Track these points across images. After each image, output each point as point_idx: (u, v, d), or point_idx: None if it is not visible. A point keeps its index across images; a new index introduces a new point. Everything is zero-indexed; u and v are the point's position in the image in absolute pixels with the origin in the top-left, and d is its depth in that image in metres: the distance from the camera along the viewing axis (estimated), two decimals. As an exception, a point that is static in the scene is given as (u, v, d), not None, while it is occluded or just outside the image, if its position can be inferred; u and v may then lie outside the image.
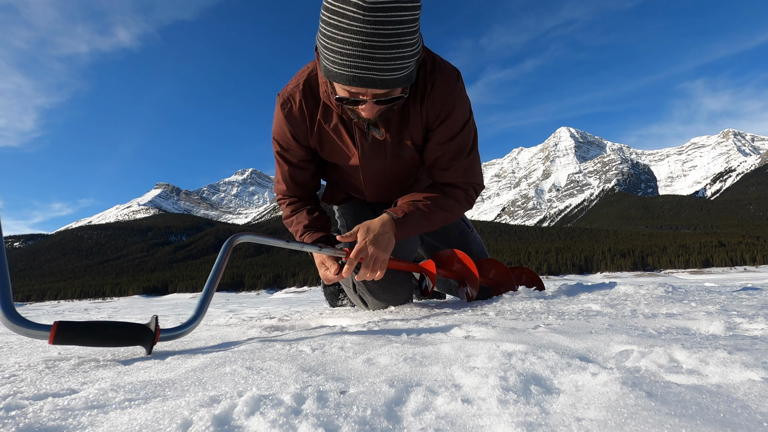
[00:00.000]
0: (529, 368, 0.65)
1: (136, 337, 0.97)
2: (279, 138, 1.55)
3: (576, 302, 1.41)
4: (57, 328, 0.88)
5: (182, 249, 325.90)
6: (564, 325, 1.00)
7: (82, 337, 0.91)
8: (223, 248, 1.26)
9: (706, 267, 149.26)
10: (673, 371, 0.60)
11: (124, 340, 0.96)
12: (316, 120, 1.46)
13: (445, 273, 1.70)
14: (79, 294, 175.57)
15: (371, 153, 1.50)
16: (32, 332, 0.89)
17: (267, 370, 0.75)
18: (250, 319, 1.85)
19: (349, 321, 1.44)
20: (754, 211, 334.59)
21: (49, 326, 0.88)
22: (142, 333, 0.97)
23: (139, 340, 0.97)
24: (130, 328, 0.96)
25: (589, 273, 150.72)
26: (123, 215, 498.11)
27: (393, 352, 0.82)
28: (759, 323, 0.90)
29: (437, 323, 1.16)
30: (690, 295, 1.49)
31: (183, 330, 1.09)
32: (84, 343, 0.92)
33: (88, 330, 0.92)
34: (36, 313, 6.75)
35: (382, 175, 1.61)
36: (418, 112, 1.40)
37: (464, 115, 1.45)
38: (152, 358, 0.97)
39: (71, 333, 0.90)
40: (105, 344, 0.96)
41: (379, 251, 1.36)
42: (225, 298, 21.87)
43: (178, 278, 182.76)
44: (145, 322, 1.03)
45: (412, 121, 1.42)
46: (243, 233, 1.30)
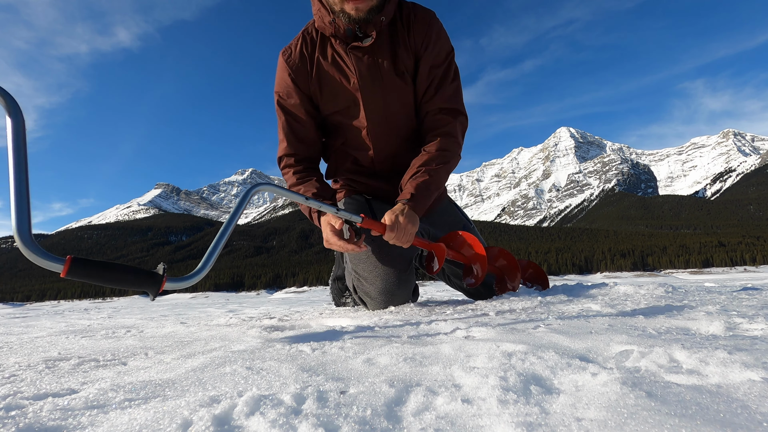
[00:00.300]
0: (529, 368, 0.65)
1: (144, 282, 0.97)
2: (280, 87, 1.68)
3: (576, 302, 1.41)
4: (71, 262, 0.88)
5: (182, 249, 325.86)
6: (564, 325, 1.00)
7: (93, 274, 0.91)
8: (242, 196, 1.31)
9: (706, 267, 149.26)
10: (673, 371, 0.60)
11: (131, 282, 0.96)
12: (315, 59, 1.63)
13: (454, 255, 1.71)
14: (79, 294, 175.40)
15: (369, 76, 1.61)
16: (47, 263, 0.88)
17: (267, 370, 0.75)
18: (250, 319, 1.85)
19: (349, 321, 1.44)
20: (754, 211, 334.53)
21: (64, 259, 0.88)
22: (150, 278, 0.97)
23: (146, 284, 0.97)
24: (139, 272, 0.97)
25: (589, 273, 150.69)
26: (123, 215, 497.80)
27: (393, 352, 0.82)
28: (759, 323, 0.90)
29: (437, 323, 1.16)
30: (690, 295, 1.49)
31: (189, 279, 1.08)
32: (94, 280, 0.92)
33: (100, 268, 0.92)
34: (36, 313, 6.75)
35: (384, 115, 1.68)
36: (406, 39, 1.62)
37: (447, 46, 1.67)
38: (152, 357, 0.97)
39: (84, 269, 0.90)
40: (113, 284, 0.95)
41: (408, 223, 1.50)
42: (225, 298, 21.87)
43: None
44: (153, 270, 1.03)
45: (401, 46, 1.61)
46: (263, 183, 1.33)
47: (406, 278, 1.74)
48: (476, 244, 1.71)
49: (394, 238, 1.49)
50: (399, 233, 1.48)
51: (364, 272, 1.74)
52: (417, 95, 1.70)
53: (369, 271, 1.72)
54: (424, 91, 1.68)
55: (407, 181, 1.62)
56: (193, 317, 2.31)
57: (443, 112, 1.68)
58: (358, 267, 1.76)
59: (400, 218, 1.48)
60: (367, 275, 1.73)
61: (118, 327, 1.84)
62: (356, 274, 1.77)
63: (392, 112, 1.70)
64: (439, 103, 1.67)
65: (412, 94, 1.70)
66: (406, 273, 1.74)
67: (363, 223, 1.46)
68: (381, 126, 1.71)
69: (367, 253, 1.74)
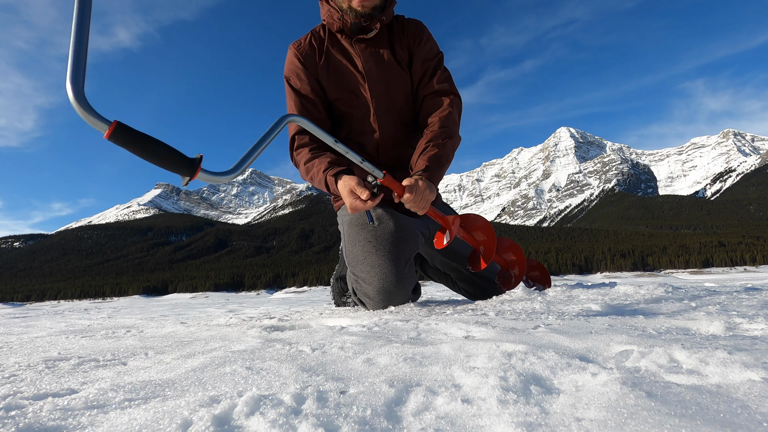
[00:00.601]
0: (529, 368, 0.65)
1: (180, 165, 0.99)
2: (289, 72, 1.84)
3: (576, 302, 1.41)
4: (116, 126, 0.90)
5: (182, 249, 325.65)
6: (564, 325, 1.00)
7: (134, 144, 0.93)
8: (273, 123, 1.35)
9: (706, 267, 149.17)
10: (673, 371, 0.60)
11: (168, 161, 0.98)
12: (324, 48, 1.82)
13: (465, 235, 1.79)
14: (79, 294, 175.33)
15: (373, 62, 1.81)
16: (94, 121, 0.89)
17: (267, 370, 0.75)
18: (250, 319, 1.85)
19: (349, 321, 1.44)
20: (754, 211, 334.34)
21: (110, 122, 0.90)
22: (187, 163, 0.99)
23: (181, 167, 0.99)
24: (178, 154, 0.99)
25: (589, 273, 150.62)
26: (123, 215, 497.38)
27: (393, 352, 0.82)
28: (759, 323, 0.90)
29: (437, 323, 1.16)
30: (690, 295, 1.49)
31: (223, 176, 1.12)
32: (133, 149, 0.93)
33: (141, 140, 0.94)
34: (36, 313, 6.74)
35: (387, 97, 1.83)
36: (401, 37, 1.86)
37: (436, 47, 1.92)
38: (152, 357, 0.97)
39: (126, 136, 0.91)
40: (150, 158, 0.96)
41: (426, 189, 1.58)
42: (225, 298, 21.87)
43: (178, 278, 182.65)
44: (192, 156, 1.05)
45: (397, 42, 1.85)
46: (295, 116, 1.40)
47: (405, 277, 1.73)
48: (489, 230, 1.78)
49: (412, 201, 1.54)
50: (417, 196, 1.54)
51: (362, 273, 1.73)
52: (413, 84, 1.89)
53: (366, 272, 1.72)
54: (419, 80, 1.87)
55: (418, 157, 1.70)
56: (193, 317, 2.31)
57: (439, 95, 1.84)
58: (356, 268, 1.76)
59: (420, 182, 1.56)
60: (365, 276, 1.72)
61: (118, 327, 1.84)
62: (354, 275, 1.77)
63: (394, 96, 1.86)
64: (435, 87, 1.84)
65: (409, 83, 1.89)
66: (405, 272, 1.73)
67: (384, 179, 1.50)
68: (385, 107, 1.85)
69: (365, 253, 1.74)
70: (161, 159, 0.97)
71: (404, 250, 1.76)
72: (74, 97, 0.86)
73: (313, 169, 1.70)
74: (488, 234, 1.78)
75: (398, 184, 1.55)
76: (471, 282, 2.08)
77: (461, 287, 2.13)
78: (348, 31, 1.78)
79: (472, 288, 2.09)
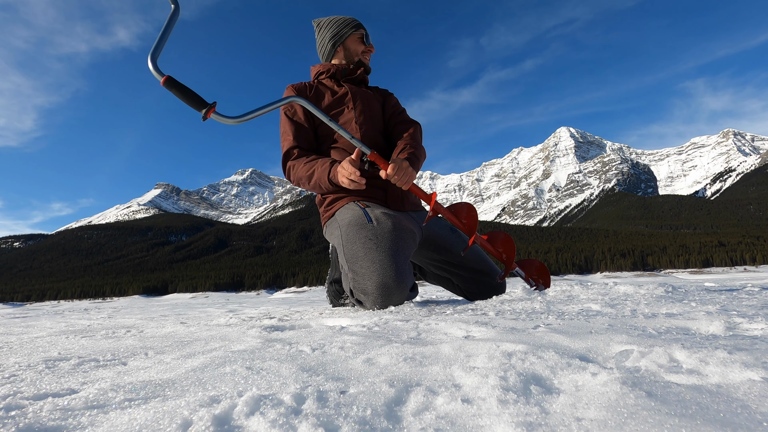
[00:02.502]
0: (529, 368, 0.65)
1: (201, 104, 1.56)
2: (286, 106, 2.11)
3: (576, 302, 1.41)
4: (166, 79, 1.57)
5: (182, 249, 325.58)
6: (564, 325, 1.00)
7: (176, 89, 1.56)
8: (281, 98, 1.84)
9: (706, 267, 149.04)
10: (673, 371, 0.60)
11: (194, 101, 1.56)
12: (313, 86, 2.19)
13: (449, 216, 1.97)
14: (79, 294, 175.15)
15: (356, 88, 2.18)
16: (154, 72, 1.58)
17: (267, 370, 0.75)
18: (250, 319, 1.85)
19: (349, 321, 1.44)
20: (754, 211, 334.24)
21: (164, 74, 1.57)
22: (205, 104, 1.57)
23: (201, 106, 1.56)
24: (200, 98, 1.58)
25: (589, 273, 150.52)
26: (123, 215, 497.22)
27: (393, 352, 0.82)
28: (759, 323, 0.90)
29: (437, 323, 1.16)
30: (690, 295, 1.49)
31: (230, 118, 1.62)
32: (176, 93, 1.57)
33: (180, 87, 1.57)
34: (36, 313, 6.75)
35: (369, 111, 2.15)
36: (375, 93, 2.27)
37: (399, 103, 2.36)
38: (152, 357, 0.97)
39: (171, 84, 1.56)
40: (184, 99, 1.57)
41: (410, 167, 1.84)
42: (225, 298, 21.86)
43: (178, 278, 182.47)
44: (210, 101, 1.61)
45: (374, 95, 2.25)
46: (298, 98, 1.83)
47: (404, 273, 1.74)
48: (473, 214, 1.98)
49: (395, 176, 1.79)
50: (400, 172, 1.79)
51: (361, 268, 1.75)
52: (385, 116, 2.27)
53: (366, 267, 1.74)
54: (389, 116, 2.26)
55: (397, 154, 1.97)
56: (193, 317, 2.31)
57: (407, 123, 2.23)
58: (355, 265, 1.78)
59: (403, 161, 1.82)
60: (364, 271, 1.74)
61: (118, 327, 1.84)
62: (353, 272, 1.78)
63: (373, 108, 2.19)
64: (402, 118, 2.26)
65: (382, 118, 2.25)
66: (404, 268, 1.75)
67: (371, 155, 1.80)
68: (367, 118, 2.12)
69: (365, 249, 1.77)
70: (191, 99, 1.55)
71: (403, 246, 1.81)
72: (150, 63, 1.57)
73: (314, 166, 1.93)
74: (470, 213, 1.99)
75: (384, 160, 1.81)
76: (470, 281, 2.09)
77: (461, 287, 2.15)
78: (339, 74, 2.19)
79: (472, 287, 2.10)
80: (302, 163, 1.98)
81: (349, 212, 1.94)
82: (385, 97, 2.32)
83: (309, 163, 1.95)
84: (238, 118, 1.63)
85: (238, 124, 1.65)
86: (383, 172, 1.80)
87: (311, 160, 1.96)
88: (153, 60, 1.56)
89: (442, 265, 2.13)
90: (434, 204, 1.91)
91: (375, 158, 1.80)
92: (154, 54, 1.57)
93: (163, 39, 1.62)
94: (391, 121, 2.25)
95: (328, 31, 2.20)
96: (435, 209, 1.90)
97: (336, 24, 2.21)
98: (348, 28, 2.19)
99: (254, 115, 1.67)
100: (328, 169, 1.87)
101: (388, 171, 1.78)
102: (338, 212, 2.03)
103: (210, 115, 1.54)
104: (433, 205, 1.90)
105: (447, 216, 1.96)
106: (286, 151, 2.08)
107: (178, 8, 1.70)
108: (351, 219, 1.89)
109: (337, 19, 2.22)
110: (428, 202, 1.93)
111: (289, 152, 2.06)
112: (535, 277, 2.11)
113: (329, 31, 2.20)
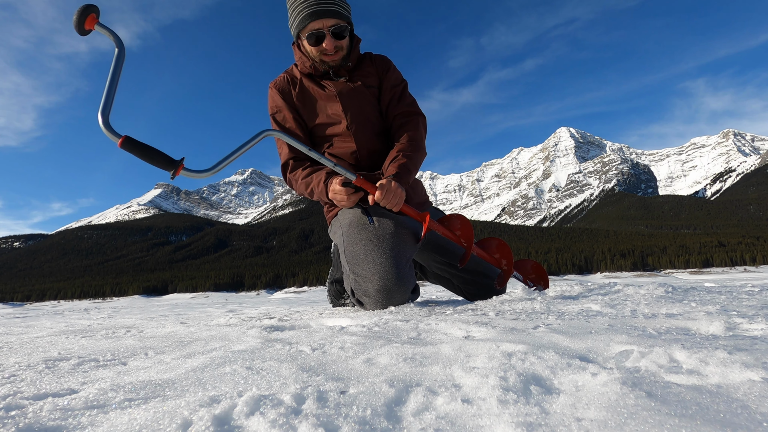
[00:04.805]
0: (529, 368, 0.65)
1: (166, 163, 1.38)
2: (272, 109, 2.05)
3: (576, 302, 1.41)
4: (124, 139, 1.32)
5: (182, 249, 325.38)
6: (564, 325, 1.00)
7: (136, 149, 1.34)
8: (253, 135, 1.64)
9: (706, 267, 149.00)
10: (673, 371, 0.60)
11: (158, 161, 1.37)
12: (297, 82, 2.01)
13: (443, 231, 1.90)
14: (79, 294, 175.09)
15: (344, 88, 1.98)
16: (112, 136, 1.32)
17: (267, 370, 0.75)
18: (250, 319, 1.85)
19: (349, 321, 1.44)
20: (754, 211, 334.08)
21: (120, 135, 1.32)
22: (172, 162, 1.39)
23: (168, 165, 1.38)
24: (166, 156, 1.39)
25: (589, 273, 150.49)
26: (123, 215, 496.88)
27: (393, 352, 0.82)
28: (759, 323, 0.90)
29: (437, 323, 1.16)
30: (690, 295, 1.49)
31: (200, 173, 1.47)
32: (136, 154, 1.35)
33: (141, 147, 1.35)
34: (36, 313, 6.75)
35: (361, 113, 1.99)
36: (370, 67, 2.06)
37: (401, 76, 2.13)
38: (152, 357, 0.97)
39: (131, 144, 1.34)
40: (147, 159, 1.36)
41: (398, 189, 1.75)
42: (225, 298, 21.86)
43: (178, 278, 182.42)
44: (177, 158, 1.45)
45: (367, 69, 2.05)
46: (272, 130, 1.70)
47: (405, 275, 1.74)
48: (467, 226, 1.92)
49: (384, 199, 1.72)
50: (389, 194, 1.71)
51: (363, 270, 1.74)
52: (383, 106, 2.08)
53: (368, 269, 1.73)
54: (388, 102, 2.06)
55: (389, 163, 1.89)
56: (193, 317, 2.31)
57: (408, 115, 2.05)
58: (356, 267, 1.77)
59: (392, 183, 1.74)
60: (366, 273, 1.73)
61: (118, 327, 1.84)
62: (354, 274, 1.78)
63: (367, 111, 2.02)
64: (402, 108, 2.05)
65: (377, 103, 2.08)
66: (405, 270, 1.74)
67: (357, 180, 1.74)
68: (359, 122, 1.99)
69: (366, 251, 1.76)
70: (155, 159, 1.37)
71: (404, 249, 1.79)
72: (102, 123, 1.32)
73: (315, 178, 1.90)
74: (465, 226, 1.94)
75: (371, 185, 1.75)
76: (470, 282, 2.09)
77: (461, 288, 2.15)
78: (318, 76, 2.00)
79: (472, 288, 2.10)
80: (300, 178, 1.95)
81: (351, 213, 1.94)
82: (382, 74, 2.08)
83: (305, 179, 1.92)
84: (209, 171, 1.48)
85: (212, 176, 1.50)
86: (371, 197, 1.74)
87: (307, 175, 1.93)
88: (104, 117, 1.32)
89: (443, 266, 2.12)
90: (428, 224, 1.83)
91: (362, 183, 1.74)
92: (105, 110, 1.32)
93: (112, 89, 1.37)
94: (391, 110, 2.06)
95: (289, 21, 1.95)
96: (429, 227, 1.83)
97: (292, 14, 1.91)
98: (301, 23, 1.86)
99: (227, 163, 1.54)
100: (324, 190, 1.85)
101: (376, 196, 1.72)
102: (341, 212, 2.02)
103: (179, 173, 1.39)
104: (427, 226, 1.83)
105: (442, 232, 1.91)
106: (283, 163, 2.05)
107: (123, 50, 1.45)
108: (352, 219, 1.89)
109: (293, 5, 1.89)
110: (422, 222, 1.86)
111: (285, 164, 2.03)
112: (533, 278, 2.11)
113: (289, 21, 1.95)
